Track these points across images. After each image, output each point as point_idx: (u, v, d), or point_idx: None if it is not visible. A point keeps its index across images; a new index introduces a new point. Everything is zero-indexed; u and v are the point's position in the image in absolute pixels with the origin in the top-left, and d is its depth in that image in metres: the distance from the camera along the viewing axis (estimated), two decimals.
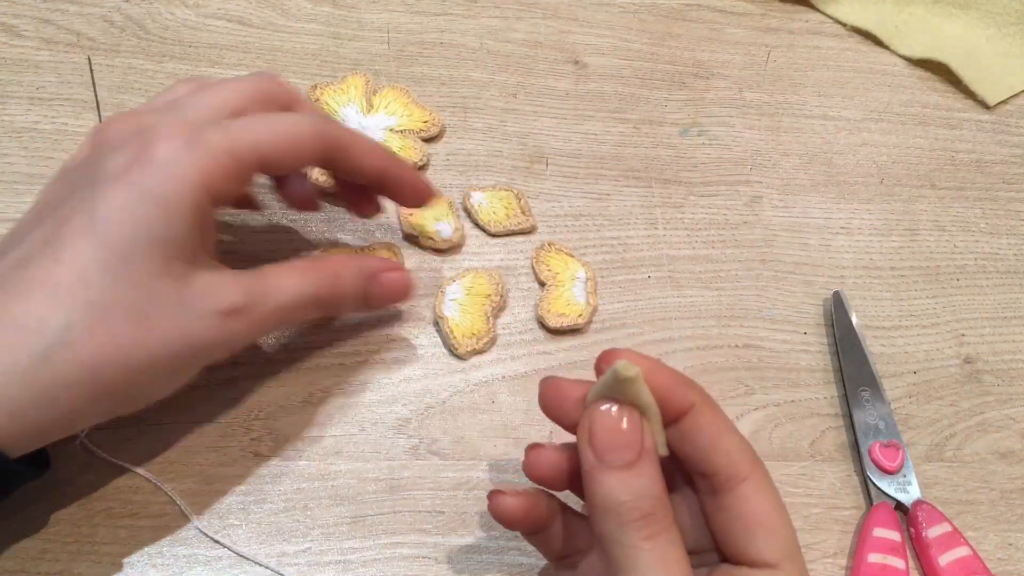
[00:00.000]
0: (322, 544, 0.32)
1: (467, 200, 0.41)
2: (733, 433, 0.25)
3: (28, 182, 0.38)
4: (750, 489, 0.24)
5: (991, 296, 0.43)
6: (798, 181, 0.46)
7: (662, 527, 0.23)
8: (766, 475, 0.25)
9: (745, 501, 0.24)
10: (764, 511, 0.24)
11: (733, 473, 0.24)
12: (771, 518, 0.24)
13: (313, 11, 0.47)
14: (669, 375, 0.25)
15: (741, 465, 0.24)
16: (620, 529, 0.23)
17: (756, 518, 0.24)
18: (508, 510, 0.27)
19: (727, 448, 0.24)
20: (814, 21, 0.53)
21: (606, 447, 0.23)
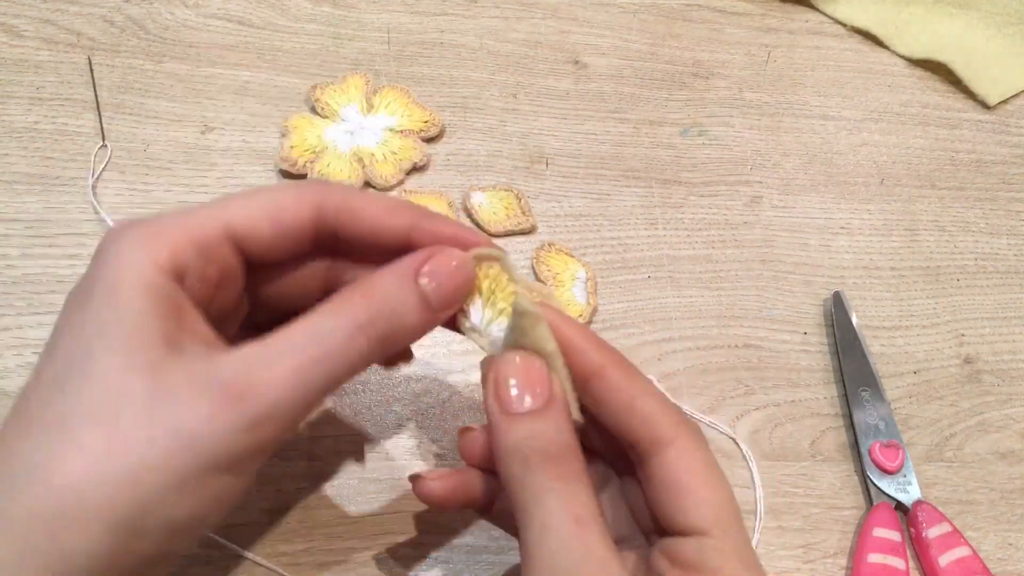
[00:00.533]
0: (322, 544, 0.32)
1: (467, 200, 0.41)
2: (651, 396, 0.23)
3: (28, 182, 0.38)
4: (673, 453, 0.23)
5: (991, 296, 0.43)
6: (798, 181, 0.46)
7: (571, 469, 0.22)
8: (694, 437, 0.23)
9: (668, 466, 0.23)
10: (689, 475, 0.23)
11: (653, 438, 0.23)
12: (697, 482, 0.23)
13: (313, 11, 0.47)
14: (576, 331, 0.24)
15: (661, 428, 0.23)
16: (526, 471, 0.22)
17: (681, 483, 0.23)
18: (430, 494, 0.26)
19: (644, 411, 0.23)
20: (814, 21, 0.53)
21: (510, 397, 0.22)
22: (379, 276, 0.23)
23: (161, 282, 0.22)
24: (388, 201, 0.25)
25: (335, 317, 0.22)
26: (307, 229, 0.24)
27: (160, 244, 0.22)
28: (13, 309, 0.35)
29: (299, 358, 0.21)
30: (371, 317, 0.22)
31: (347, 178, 0.40)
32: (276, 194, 0.24)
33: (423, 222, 0.25)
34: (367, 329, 0.22)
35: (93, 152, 0.39)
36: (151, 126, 0.41)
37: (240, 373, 0.21)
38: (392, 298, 0.23)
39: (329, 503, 0.33)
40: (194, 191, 0.39)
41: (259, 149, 0.41)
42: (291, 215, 0.24)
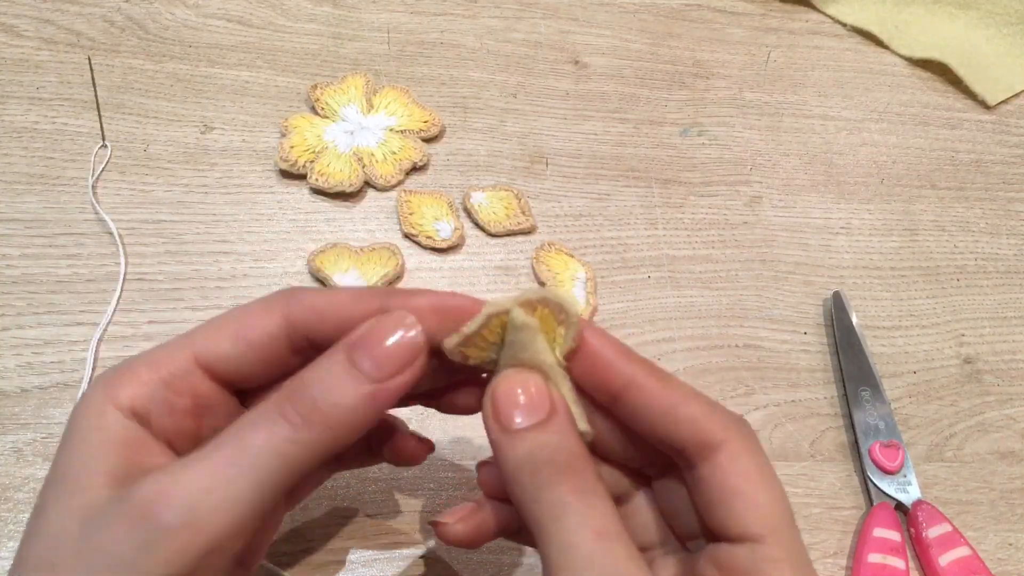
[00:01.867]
0: (322, 544, 0.32)
1: (467, 200, 0.41)
2: (693, 399, 0.22)
3: (28, 182, 0.38)
4: (725, 456, 0.22)
5: (991, 296, 0.43)
6: (798, 181, 0.46)
7: (585, 481, 0.21)
8: (745, 438, 0.22)
9: (720, 470, 0.22)
10: (741, 479, 0.21)
11: (702, 441, 0.22)
12: (750, 486, 0.21)
13: (313, 11, 0.47)
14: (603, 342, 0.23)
15: (709, 432, 0.22)
16: (537, 487, 0.21)
17: (733, 487, 0.21)
18: (456, 536, 0.25)
19: (689, 416, 0.22)
20: (814, 21, 0.53)
21: (510, 414, 0.22)
22: (310, 366, 0.22)
23: (117, 421, 0.21)
24: (353, 292, 0.23)
25: (261, 421, 0.21)
26: (278, 342, 0.23)
27: (120, 385, 0.22)
28: (13, 309, 0.35)
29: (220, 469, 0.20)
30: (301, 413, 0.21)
31: (347, 178, 0.40)
32: (241, 314, 0.23)
33: (391, 301, 0.23)
34: (295, 418, 0.21)
35: (93, 152, 0.39)
36: (151, 126, 0.41)
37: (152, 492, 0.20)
38: (324, 386, 0.21)
39: (329, 503, 0.33)
40: (194, 191, 0.39)
41: (259, 149, 0.41)
42: (256, 332, 0.23)
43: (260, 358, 0.23)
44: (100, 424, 0.21)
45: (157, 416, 0.22)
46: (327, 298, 0.23)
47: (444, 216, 0.40)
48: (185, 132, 0.41)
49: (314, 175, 0.40)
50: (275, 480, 0.20)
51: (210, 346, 0.23)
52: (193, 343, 0.23)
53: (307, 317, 0.23)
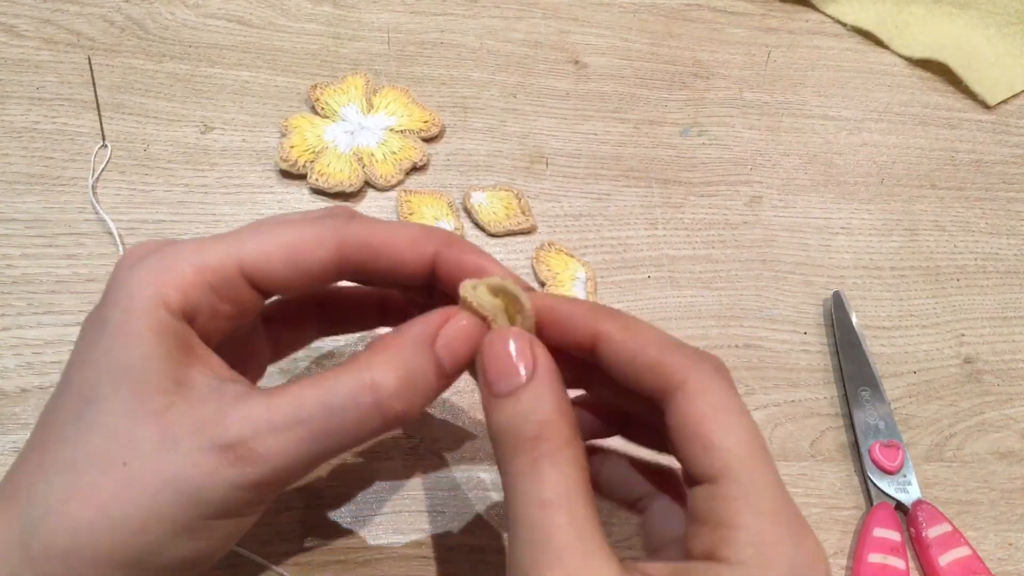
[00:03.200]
0: (322, 544, 0.32)
1: (467, 200, 0.41)
2: (653, 345, 0.22)
3: (28, 182, 0.38)
4: (681, 398, 0.21)
5: (991, 296, 0.43)
6: (798, 181, 0.46)
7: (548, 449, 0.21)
8: (705, 376, 0.21)
9: (678, 413, 0.21)
10: (698, 418, 0.21)
11: (661, 388, 0.21)
12: (706, 425, 0.21)
13: (313, 11, 0.47)
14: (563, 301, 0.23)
15: (667, 375, 0.21)
16: (502, 456, 0.21)
17: (690, 429, 0.21)
18: None
19: (650, 362, 0.22)
20: (814, 21, 0.53)
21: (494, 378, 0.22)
22: (397, 344, 0.23)
23: (171, 322, 0.22)
24: (410, 232, 0.24)
25: (351, 389, 0.22)
26: (327, 270, 0.24)
27: (171, 282, 0.22)
28: (13, 309, 0.35)
29: (306, 429, 0.21)
30: (388, 398, 0.22)
31: (347, 178, 0.40)
32: (295, 233, 0.23)
33: (447, 251, 0.24)
34: (385, 403, 0.22)
35: (93, 152, 0.39)
36: (151, 126, 0.41)
37: (244, 436, 0.21)
38: (410, 368, 0.22)
39: (329, 503, 0.33)
40: (194, 191, 0.39)
41: (259, 149, 0.41)
42: (309, 257, 0.23)
43: (309, 282, 0.24)
44: (156, 325, 0.22)
45: (202, 319, 0.23)
46: (382, 237, 0.24)
47: (444, 216, 0.40)
48: (185, 132, 0.41)
49: (314, 175, 0.40)
50: (345, 448, 0.22)
51: (260, 262, 0.23)
52: (241, 252, 0.23)
53: (362, 254, 0.24)
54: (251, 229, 0.24)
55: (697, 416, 0.21)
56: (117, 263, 0.23)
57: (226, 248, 0.23)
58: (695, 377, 0.21)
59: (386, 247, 0.24)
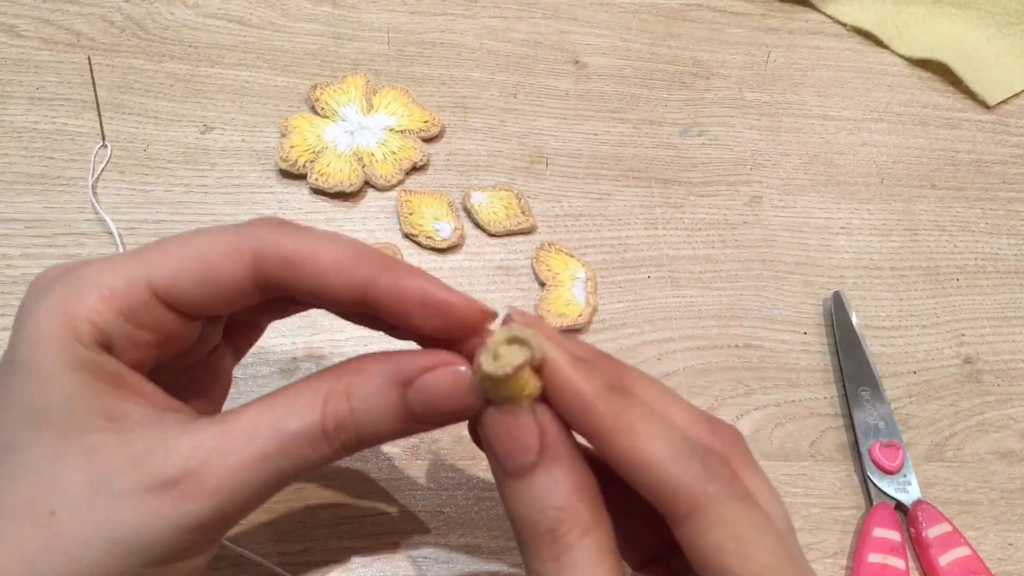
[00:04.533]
0: (322, 544, 0.32)
1: (467, 200, 0.41)
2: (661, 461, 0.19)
3: (28, 182, 0.38)
4: (691, 529, 0.19)
5: (991, 296, 0.43)
6: (798, 181, 0.46)
7: (571, 541, 0.19)
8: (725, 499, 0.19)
9: (690, 540, 0.19)
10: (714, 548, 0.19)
11: (670, 511, 0.19)
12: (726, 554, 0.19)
13: (313, 11, 0.47)
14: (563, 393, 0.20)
15: (674, 503, 0.19)
16: (526, 552, 0.20)
17: (705, 558, 0.19)
18: None
19: (654, 481, 0.19)
20: (814, 21, 0.53)
21: (503, 454, 0.20)
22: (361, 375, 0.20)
23: (88, 356, 0.20)
24: (337, 251, 0.21)
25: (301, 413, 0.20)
26: (246, 286, 0.21)
27: (78, 312, 0.20)
28: (13, 309, 0.35)
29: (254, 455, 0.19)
30: (340, 423, 0.20)
31: (347, 178, 0.40)
32: (205, 245, 0.21)
33: (383, 277, 0.21)
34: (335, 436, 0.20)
35: (93, 152, 0.39)
36: (151, 126, 0.41)
37: (190, 468, 0.19)
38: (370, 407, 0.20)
39: (329, 503, 0.33)
40: (194, 191, 0.39)
41: (259, 149, 0.41)
42: (222, 272, 0.21)
43: (224, 300, 0.21)
44: (70, 361, 0.19)
45: (120, 349, 0.20)
46: (308, 255, 0.21)
47: (444, 216, 0.40)
48: (185, 132, 0.41)
49: (314, 175, 0.40)
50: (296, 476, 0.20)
51: (170, 280, 0.20)
52: (148, 269, 0.20)
53: (281, 273, 0.21)
54: (160, 243, 0.21)
55: (714, 550, 0.19)
56: (27, 290, 0.21)
57: (133, 268, 0.20)
58: (709, 504, 0.19)
59: (308, 266, 0.21)
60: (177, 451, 0.19)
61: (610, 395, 0.20)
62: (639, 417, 0.20)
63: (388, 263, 0.21)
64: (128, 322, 0.20)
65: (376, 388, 0.20)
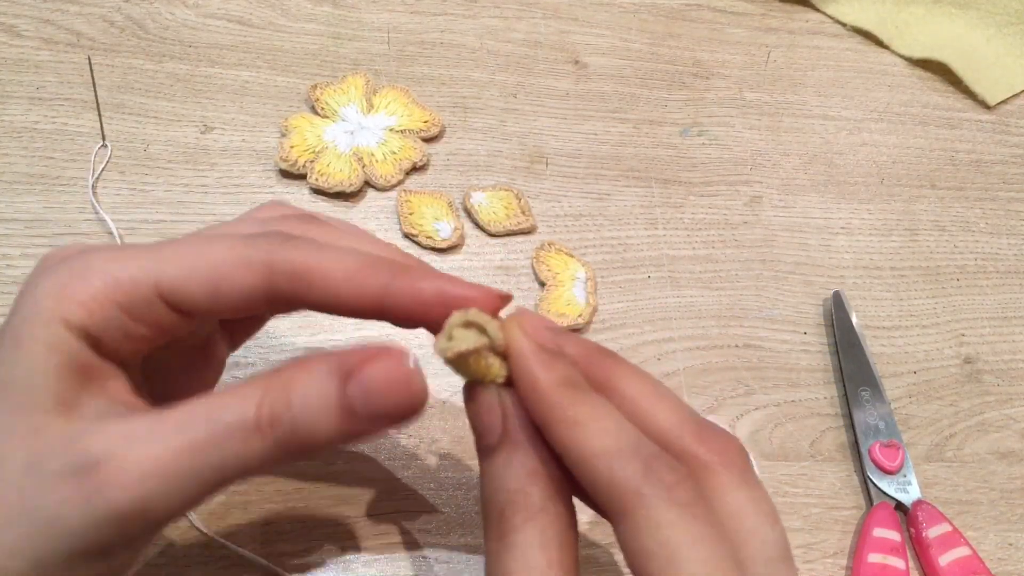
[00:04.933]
0: (322, 544, 0.32)
1: (467, 200, 0.41)
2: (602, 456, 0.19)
3: (28, 182, 0.38)
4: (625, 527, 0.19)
5: (991, 296, 0.43)
6: (798, 181, 0.46)
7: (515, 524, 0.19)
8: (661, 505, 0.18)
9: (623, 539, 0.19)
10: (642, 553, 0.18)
11: (608, 507, 0.19)
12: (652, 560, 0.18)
13: (313, 11, 0.47)
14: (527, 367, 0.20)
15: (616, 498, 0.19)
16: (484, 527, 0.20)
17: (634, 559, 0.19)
18: None
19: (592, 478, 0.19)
20: (814, 21, 0.53)
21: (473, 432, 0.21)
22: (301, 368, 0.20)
23: (66, 339, 0.20)
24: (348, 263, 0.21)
25: (236, 402, 0.19)
26: (253, 297, 0.21)
27: (76, 297, 0.20)
28: None
29: (182, 443, 0.19)
30: (274, 416, 0.19)
31: (347, 178, 0.40)
32: (220, 253, 0.21)
33: (396, 282, 0.20)
34: (268, 429, 0.19)
35: (93, 152, 0.39)
36: (151, 126, 0.41)
37: (108, 453, 0.18)
38: (308, 401, 0.19)
39: (329, 503, 0.33)
40: (194, 191, 0.39)
41: (259, 149, 0.41)
42: (233, 283, 0.21)
43: (231, 308, 0.21)
44: (49, 340, 0.19)
45: (110, 340, 0.20)
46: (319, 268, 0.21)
47: (444, 216, 0.40)
48: (185, 132, 0.41)
49: (314, 175, 0.40)
50: (229, 477, 0.19)
51: (178, 284, 0.20)
52: (159, 269, 0.20)
53: (292, 286, 0.21)
54: (174, 244, 0.21)
55: (640, 554, 0.18)
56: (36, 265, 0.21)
57: (143, 264, 0.20)
58: (640, 506, 0.19)
59: (318, 280, 0.21)
60: (105, 436, 0.19)
61: (564, 387, 0.20)
62: (588, 412, 0.20)
63: (399, 268, 0.21)
64: (125, 315, 0.20)
65: (315, 380, 0.19)
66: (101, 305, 0.20)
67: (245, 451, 0.19)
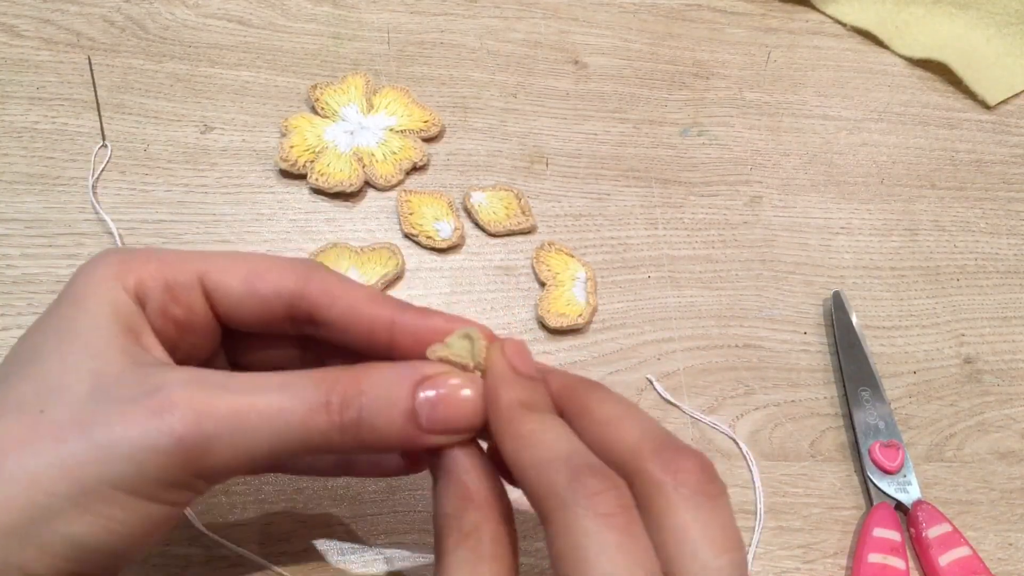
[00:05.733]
0: (322, 544, 0.32)
1: (467, 200, 0.41)
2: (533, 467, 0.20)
3: (28, 182, 0.38)
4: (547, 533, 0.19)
5: (991, 296, 0.43)
6: (798, 181, 0.46)
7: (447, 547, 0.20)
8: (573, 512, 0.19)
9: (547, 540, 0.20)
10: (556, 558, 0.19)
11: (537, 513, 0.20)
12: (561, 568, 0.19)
13: (313, 11, 0.47)
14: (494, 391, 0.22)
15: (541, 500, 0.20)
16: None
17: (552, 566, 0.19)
18: None
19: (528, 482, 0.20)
20: (814, 21, 0.53)
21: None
22: (376, 367, 0.21)
23: (125, 300, 0.22)
24: (371, 291, 0.24)
25: (310, 382, 0.21)
26: (282, 300, 0.23)
27: (129, 270, 0.22)
28: (13, 309, 0.35)
29: (251, 400, 0.20)
30: (346, 400, 0.20)
31: (347, 178, 0.40)
32: (260, 262, 0.24)
33: (404, 315, 0.23)
34: (336, 410, 0.20)
35: (93, 152, 0.39)
36: (151, 126, 0.41)
37: (184, 389, 0.20)
38: (380, 394, 0.21)
39: (329, 503, 0.33)
40: (194, 191, 0.39)
41: (259, 149, 0.41)
42: (268, 284, 0.23)
43: (258, 309, 0.23)
44: (111, 298, 0.22)
45: (151, 311, 0.23)
46: (344, 288, 0.23)
47: (444, 216, 0.40)
48: (185, 132, 0.41)
49: (314, 175, 0.40)
50: (288, 448, 0.21)
51: (218, 275, 0.23)
52: (205, 264, 0.23)
53: (319, 297, 0.23)
54: (222, 251, 0.24)
55: (555, 556, 0.19)
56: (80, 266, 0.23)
57: (192, 256, 0.24)
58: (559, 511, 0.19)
59: (343, 297, 0.23)
60: (174, 377, 0.20)
61: (519, 407, 0.21)
62: (534, 428, 0.21)
63: (404, 305, 0.24)
64: (167, 293, 0.23)
65: (389, 379, 0.21)
66: (152, 278, 0.23)
67: (310, 425, 0.20)
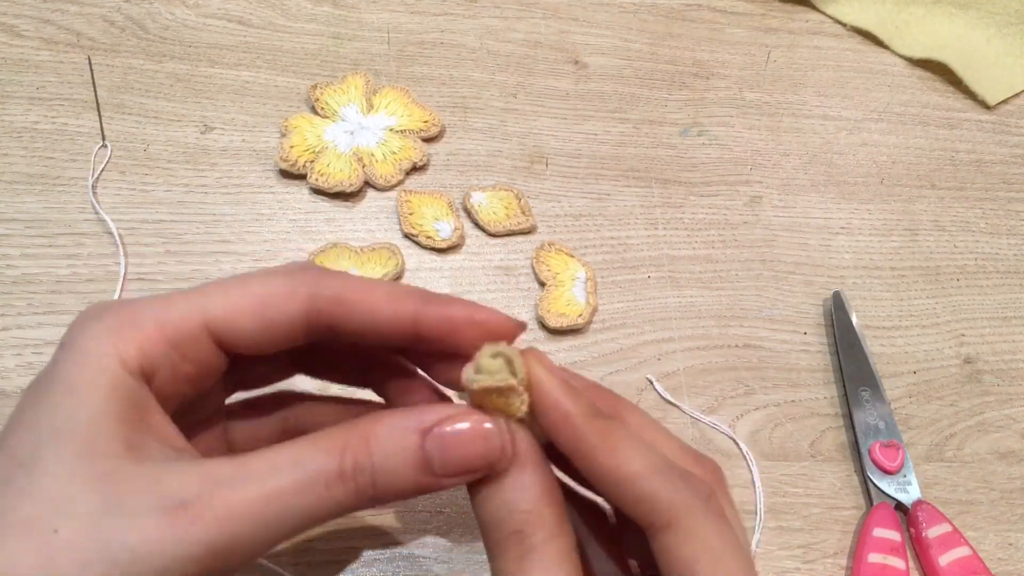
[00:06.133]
0: (322, 544, 0.32)
1: (467, 200, 0.41)
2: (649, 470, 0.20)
3: (28, 182, 0.38)
4: (670, 539, 0.20)
5: (991, 296, 0.43)
6: (798, 181, 0.46)
7: (535, 543, 0.20)
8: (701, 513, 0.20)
9: (666, 553, 0.20)
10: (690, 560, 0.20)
11: (650, 521, 0.20)
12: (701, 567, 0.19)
13: (313, 11, 0.47)
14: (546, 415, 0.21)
15: (660, 511, 0.20)
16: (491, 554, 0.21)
17: (681, 570, 0.20)
18: None
19: (634, 496, 0.20)
20: (814, 21, 0.53)
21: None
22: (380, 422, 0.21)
23: (127, 381, 0.20)
24: (388, 288, 0.22)
25: (319, 452, 0.20)
26: (297, 325, 0.22)
27: (130, 337, 0.20)
28: (13, 309, 0.35)
29: (270, 487, 0.19)
30: (357, 465, 0.20)
31: (347, 178, 0.40)
32: (263, 287, 0.22)
33: (428, 307, 0.22)
34: (351, 477, 0.20)
35: (93, 152, 0.39)
36: (151, 126, 0.41)
37: (201, 492, 0.19)
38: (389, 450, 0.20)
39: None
40: (194, 191, 0.39)
41: (259, 149, 0.41)
42: (278, 312, 0.22)
43: (276, 338, 0.22)
44: (109, 383, 0.20)
45: (160, 380, 0.21)
46: (359, 292, 0.22)
47: (444, 216, 0.40)
48: (185, 132, 0.41)
49: (314, 175, 0.40)
50: (312, 521, 0.20)
51: (225, 317, 0.21)
52: (206, 307, 0.21)
53: (334, 309, 0.22)
54: (216, 283, 0.22)
55: (688, 560, 0.20)
56: (71, 324, 0.21)
57: (190, 303, 0.21)
58: (686, 516, 0.20)
59: (361, 302, 0.22)
60: (187, 477, 0.19)
61: (594, 417, 0.21)
62: (621, 438, 0.21)
63: (428, 295, 0.23)
64: (175, 352, 0.21)
65: (395, 433, 0.21)
66: (154, 343, 0.21)
67: (329, 497, 0.20)
